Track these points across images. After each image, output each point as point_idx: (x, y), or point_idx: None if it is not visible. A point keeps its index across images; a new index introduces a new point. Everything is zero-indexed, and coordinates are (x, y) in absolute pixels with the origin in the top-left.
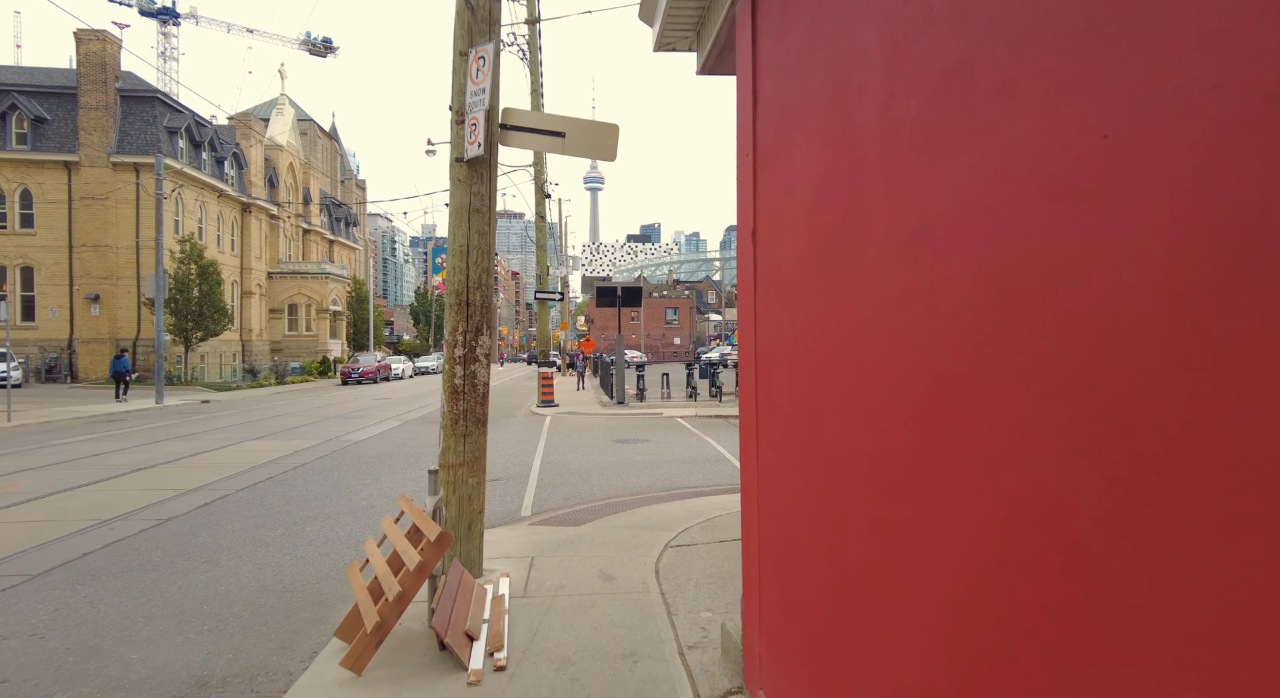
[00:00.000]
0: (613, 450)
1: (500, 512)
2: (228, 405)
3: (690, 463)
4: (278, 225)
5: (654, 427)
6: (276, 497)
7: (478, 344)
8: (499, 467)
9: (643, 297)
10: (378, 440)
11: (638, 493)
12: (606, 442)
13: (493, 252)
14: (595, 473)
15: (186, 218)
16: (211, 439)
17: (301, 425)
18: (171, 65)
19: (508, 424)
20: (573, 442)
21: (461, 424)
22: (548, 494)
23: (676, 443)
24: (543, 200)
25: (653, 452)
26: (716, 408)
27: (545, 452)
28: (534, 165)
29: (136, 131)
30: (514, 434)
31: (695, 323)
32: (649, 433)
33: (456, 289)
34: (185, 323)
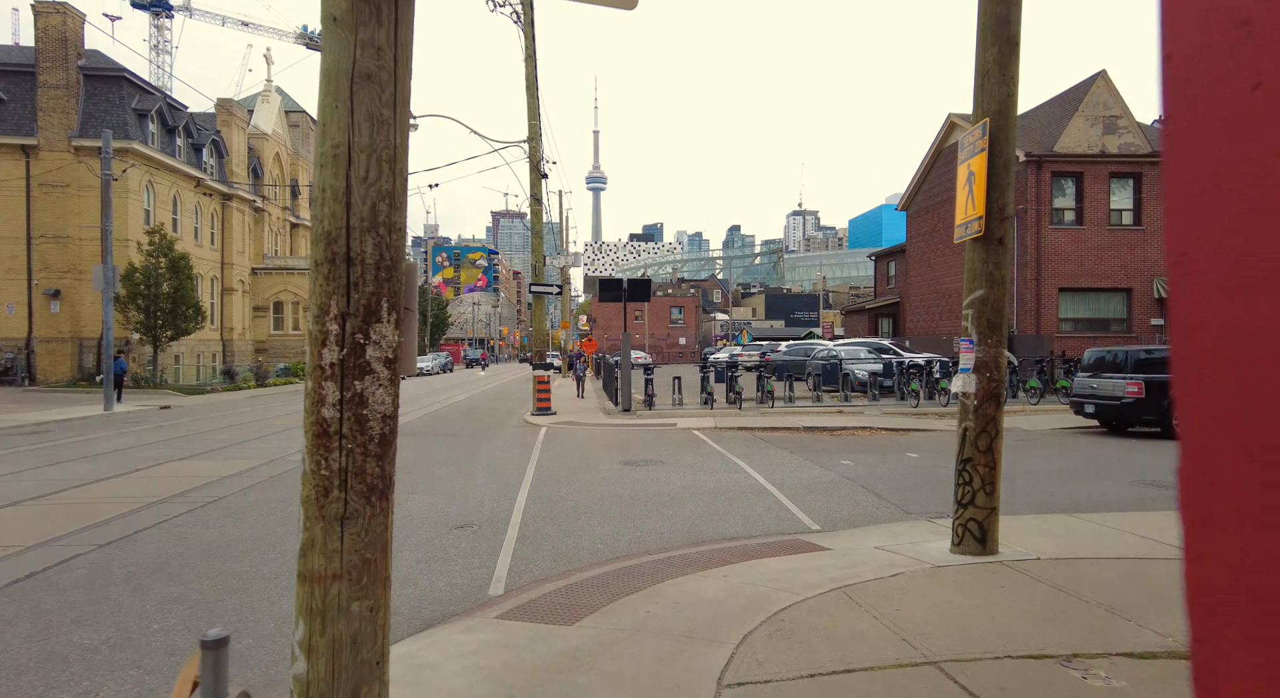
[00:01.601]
0: (620, 477)
1: (458, 587)
2: (187, 412)
3: (721, 497)
4: (263, 218)
5: (668, 442)
6: (143, 561)
7: (369, 339)
8: (470, 503)
9: (650, 291)
10: None
11: (657, 549)
12: (612, 464)
13: (402, 163)
14: (597, 513)
15: (159, 208)
16: (130, 459)
17: (253, 439)
18: (164, 58)
19: (494, 438)
20: (570, 463)
21: (337, 497)
22: (532, 552)
23: (698, 465)
24: (539, 180)
25: (670, 479)
26: (737, 417)
27: (534, 479)
28: (529, 141)
29: (102, 114)
30: (499, 452)
31: (701, 322)
32: (663, 450)
33: (328, 232)
34: (154, 321)
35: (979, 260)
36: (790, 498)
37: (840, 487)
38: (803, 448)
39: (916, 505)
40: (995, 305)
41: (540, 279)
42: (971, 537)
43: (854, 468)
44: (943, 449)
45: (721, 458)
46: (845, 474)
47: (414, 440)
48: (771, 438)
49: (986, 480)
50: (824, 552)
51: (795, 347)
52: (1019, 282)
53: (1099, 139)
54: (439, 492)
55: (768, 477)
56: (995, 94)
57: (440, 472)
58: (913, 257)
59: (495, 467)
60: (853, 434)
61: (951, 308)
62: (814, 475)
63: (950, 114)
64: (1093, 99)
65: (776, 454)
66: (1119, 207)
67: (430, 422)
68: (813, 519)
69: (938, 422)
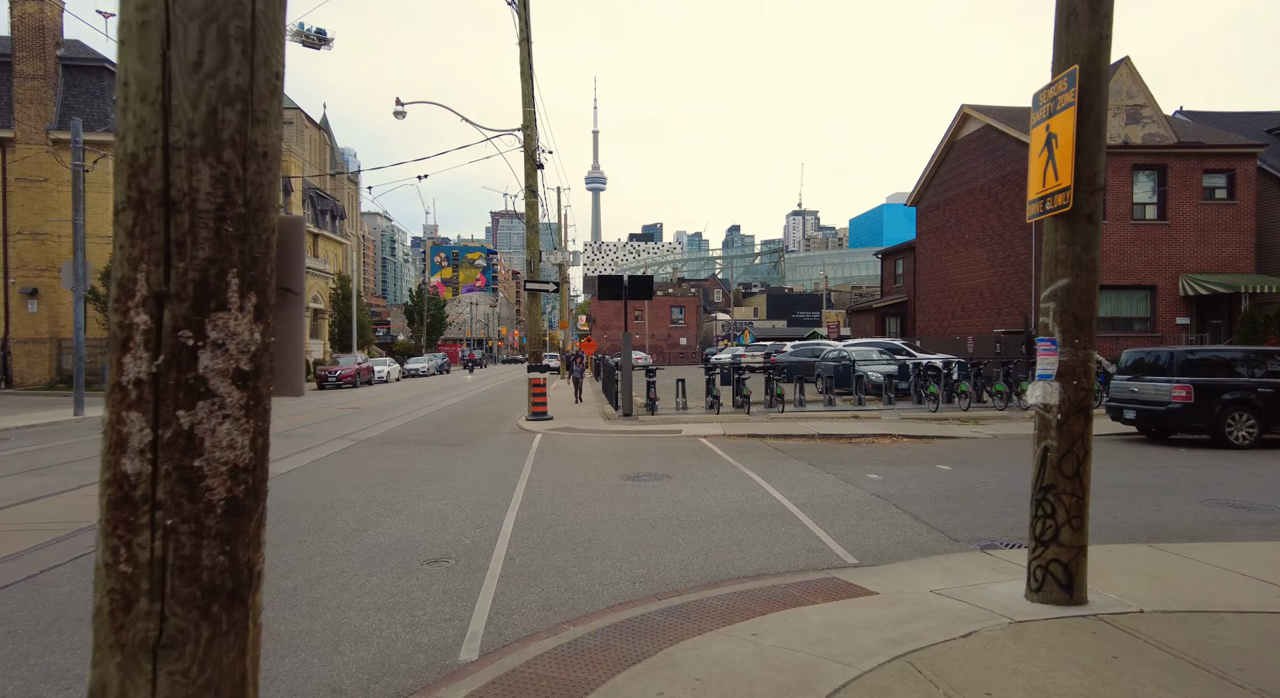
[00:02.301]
0: (622, 495)
1: (423, 648)
2: None
3: (738, 521)
4: None
5: (674, 452)
6: (34, 613)
7: (205, 339)
8: (450, 529)
9: (652, 288)
10: (291, 480)
11: (667, 591)
12: (613, 478)
13: (270, 42)
14: (596, 542)
15: None
16: (80, 472)
17: None
18: None
19: (484, 448)
20: (566, 478)
21: (146, 609)
22: (517, 595)
23: (709, 480)
24: (534, 171)
25: (679, 497)
26: (746, 423)
27: (525, 497)
28: (524, 129)
29: (82, 105)
30: (487, 464)
31: (702, 322)
32: (669, 462)
33: (132, 157)
34: None
35: (1062, 241)
36: (817, 522)
37: (870, 507)
38: (821, 459)
39: (962, 530)
40: (1083, 297)
41: (536, 276)
42: (1055, 582)
43: (882, 483)
44: (975, 460)
45: (733, 471)
46: (873, 491)
47: (394, 451)
48: (785, 447)
49: (1074, 513)
50: (870, 597)
51: (801, 347)
52: (1037, 277)
53: (1121, 129)
54: (414, 514)
55: (788, 495)
56: (1084, 37)
57: (418, 489)
58: (923, 254)
59: (481, 482)
60: (872, 442)
61: (965, 307)
62: (839, 493)
63: (963, 105)
64: (1115, 87)
65: (793, 467)
66: (1142, 200)
67: (416, 429)
68: (847, 550)
69: (961, 428)
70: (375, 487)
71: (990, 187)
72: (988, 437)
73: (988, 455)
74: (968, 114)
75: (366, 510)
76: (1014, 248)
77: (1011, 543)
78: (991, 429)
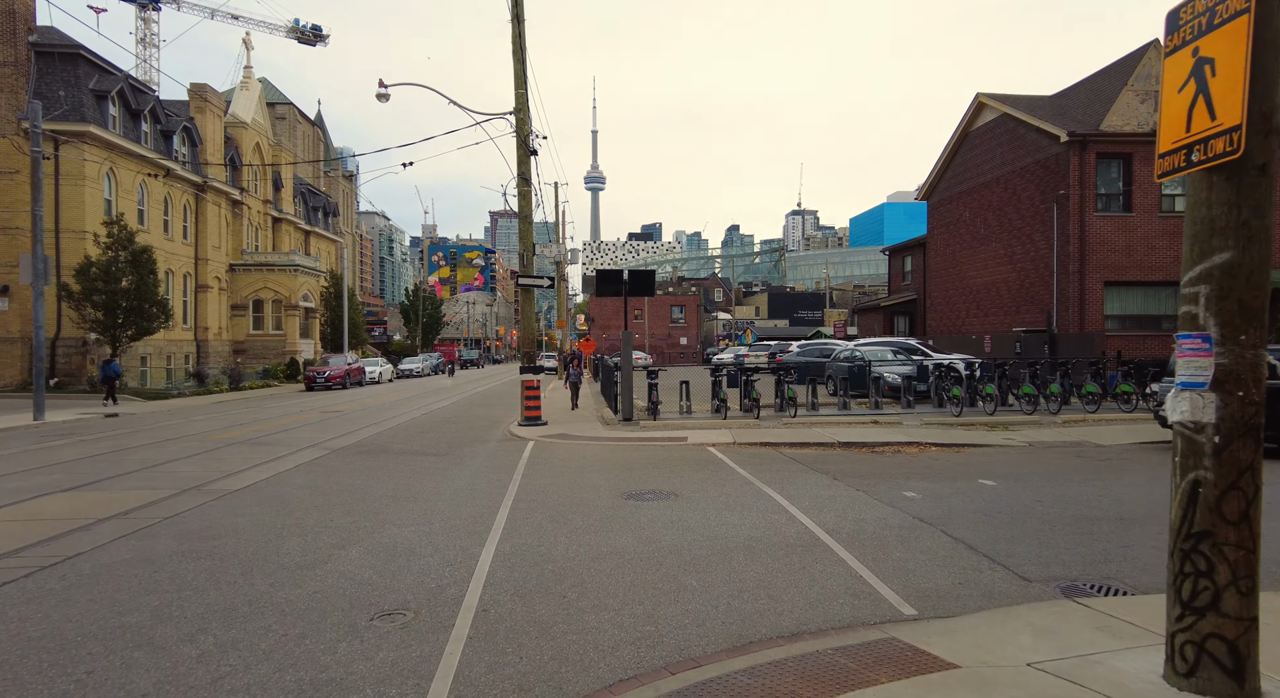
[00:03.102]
0: (621, 518)
1: None
2: (132, 422)
3: (762, 554)
4: (242, 212)
5: (679, 463)
6: None
7: None
8: (414, 566)
9: (654, 283)
10: (241, 499)
11: (680, 662)
12: (611, 497)
13: None
14: (592, 586)
15: (122, 198)
16: (6, 488)
17: (180, 458)
18: (152, 53)
19: (469, 458)
20: (557, 496)
21: None
22: (487, 669)
23: (723, 500)
24: (527, 158)
25: (689, 522)
26: (757, 429)
27: (509, 522)
28: (516, 112)
29: (55, 94)
30: (470, 479)
31: (703, 322)
32: (674, 476)
33: None
34: (113, 319)
35: (1221, 203)
36: (855, 554)
37: (915, 534)
38: (846, 472)
39: (1031, 565)
40: (1253, 278)
41: (530, 271)
42: (1215, 665)
43: (922, 503)
44: (1019, 474)
45: (749, 488)
46: (914, 512)
47: (368, 462)
48: (803, 458)
49: (1241, 571)
50: (949, 673)
51: (808, 347)
52: (1060, 274)
53: (1150, 116)
54: (375, 546)
55: (816, 518)
56: None
57: (386, 512)
58: (934, 250)
59: (460, 502)
60: (898, 451)
61: (979, 305)
62: (875, 516)
63: (978, 93)
64: (1144, 71)
65: (817, 482)
66: (1172, 191)
67: (398, 435)
68: (900, 595)
69: (991, 435)
70: (336, 508)
71: (1008, 179)
72: (1023, 445)
73: (1030, 467)
74: (983, 103)
75: (319, 540)
76: (1034, 243)
77: (1098, 586)
78: (1025, 436)
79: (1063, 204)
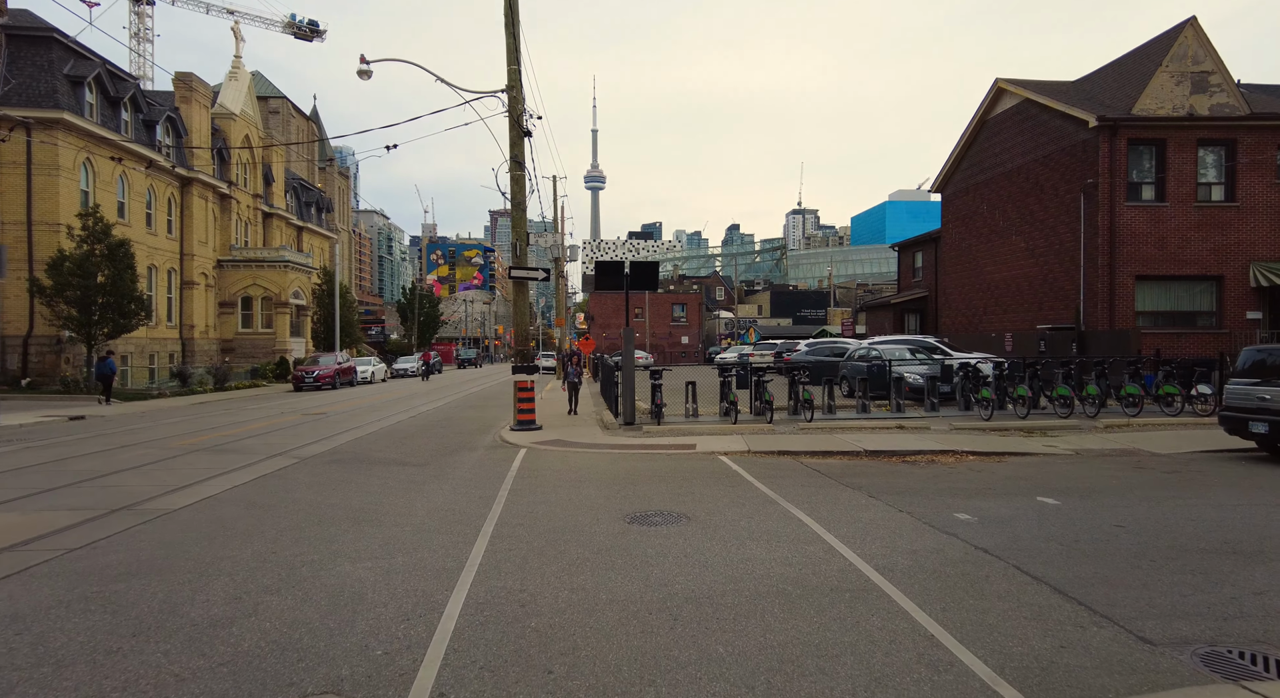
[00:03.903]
0: (625, 552)
1: None
2: (97, 425)
3: (802, 601)
4: (230, 206)
5: (690, 477)
6: None
7: None
8: (363, 619)
9: (658, 276)
10: (176, 522)
11: None
12: (612, 521)
13: None
14: (586, 654)
15: (100, 190)
16: None
17: (126, 469)
18: (146, 47)
19: (451, 469)
20: (548, 520)
21: None
22: None
23: (744, 525)
24: (520, 139)
25: (706, 555)
26: (771, 435)
27: (488, 554)
28: (508, 90)
29: (28, 80)
30: (449, 497)
31: (704, 320)
32: (686, 493)
33: None
34: (88, 316)
35: None
36: (919, 602)
37: (984, 571)
38: (881, 487)
39: (1146, 618)
40: None
41: (524, 262)
42: None
43: (980, 528)
44: (1080, 489)
45: (773, 509)
46: (973, 540)
47: (337, 474)
48: (829, 469)
49: None
50: None
51: (818, 345)
52: (1086, 267)
53: (1186, 99)
54: (318, 588)
55: (859, 549)
56: None
57: (342, 539)
58: (949, 244)
59: (433, 528)
60: (932, 461)
61: (998, 301)
62: (928, 545)
63: (997, 79)
64: (1179, 52)
65: (850, 500)
66: (1208, 180)
67: (379, 441)
68: (992, 665)
69: (1030, 441)
70: (285, 534)
71: (1029, 168)
72: (1069, 454)
73: (1090, 481)
74: (1003, 88)
75: (251, 581)
76: (1058, 235)
77: (1249, 654)
78: (1067, 442)
79: (1090, 194)
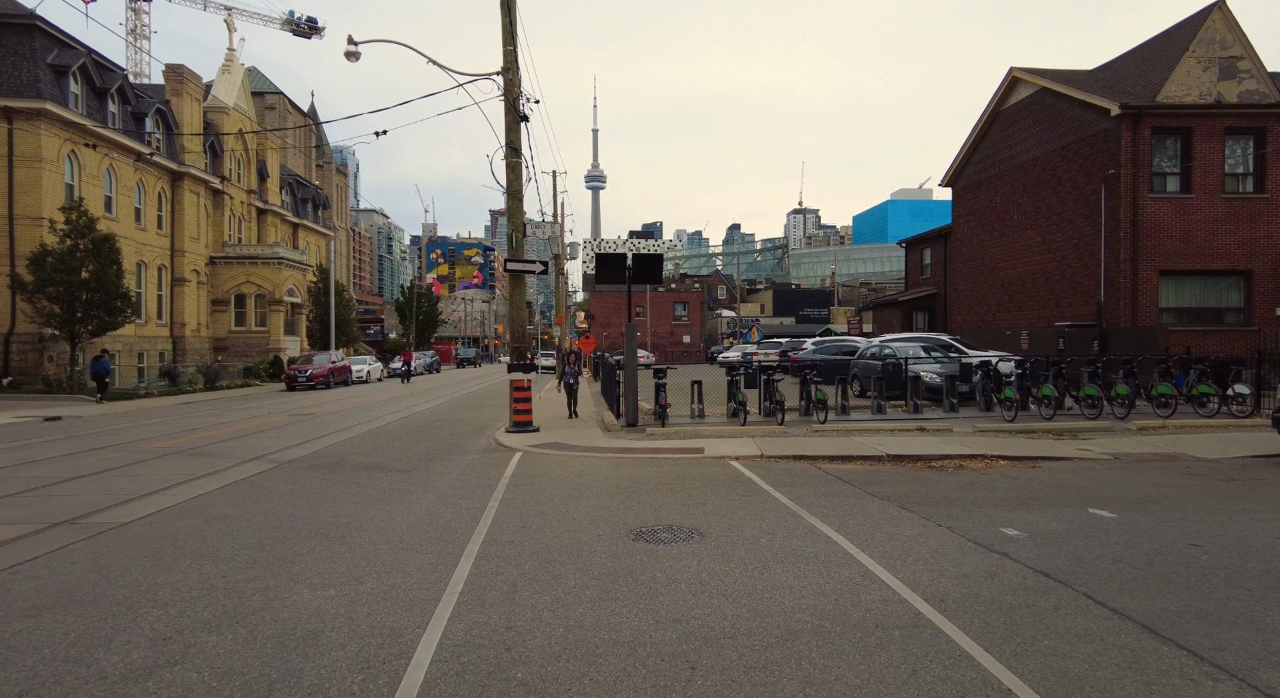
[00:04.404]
0: (629, 576)
1: None
2: (69, 427)
3: (842, 641)
4: (223, 202)
5: (700, 484)
6: None
7: None
8: (306, 680)
9: (661, 269)
10: (123, 538)
11: None
12: (614, 538)
13: None
14: None
15: (86, 183)
16: None
17: (78, 477)
18: (143, 43)
19: (440, 475)
20: (542, 536)
21: None
22: None
23: (764, 543)
24: (516, 124)
25: (725, 581)
26: (784, 438)
27: (471, 581)
28: (504, 72)
29: (9, 69)
30: (432, 509)
31: (706, 319)
32: (695, 504)
33: None
34: (71, 313)
35: None
36: (984, 643)
37: (1052, 601)
38: (912, 496)
39: (1269, 668)
40: None
41: (520, 254)
42: None
43: (1033, 546)
44: (1133, 498)
45: (796, 523)
46: (1030, 561)
47: (314, 481)
48: (849, 476)
49: None
50: None
51: (825, 344)
52: (1107, 262)
53: (1213, 86)
54: (265, 627)
55: (901, 573)
56: None
57: (304, 562)
58: (960, 239)
59: (411, 547)
60: (961, 467)
61: (1012, 298)
62: (980, 567)
63: (1012, 68)
64: (1206, 36)
65: (881, 513)
66: (1236, 170)
67: (365, 444)
68: None
69: (1061, 445)
70: (241, 554)
71: (1046, 159)
72: (1106, 458)
73: (1141, 490)
74: (1017, 77)
75: (188, 615)
76: (1077, 228)
77: None
78: (1102, 446)
79: (1112, 185)
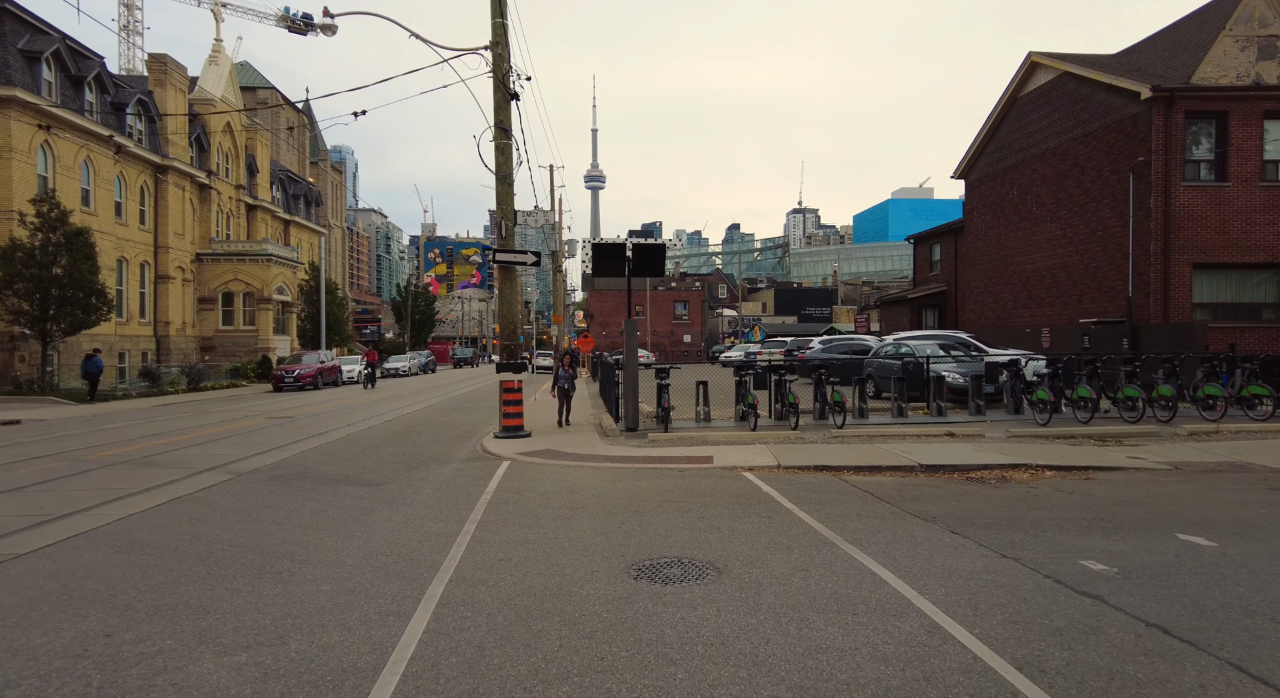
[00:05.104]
0: (631, 631)
1: None
2: (25, 431)
3: None
4: (210, 197)
5: (710, 500)
6: None
7: None
8: None
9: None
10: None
11: None
12: (612, 574)
13: None
14: None
15: (61, 175)
16: None
17: (2, 491)
18: (136, 39)
19: (413, 489)
20: (523, 573)
21: None
22: None
23: (796, 583)
24: (506, 102)
25: (753, 644)
26: (801, 446)
27: (424, 641)
28: (492, 47)
29: None
30: (396, 534)
31: (707, 319)
32: (708, 528)
33: None
34: (43, 310)
35: None
36: None
37: (1195, 677)
38: (960, 517)
39: None
40: None
41: (510, 244)
42: None
43: (1130, 586)
44: (1226, 520)
45: (831, 553)
46: (1135, 610)
47: (268, 498)
48: (881, 490)
49: None
50: None
51: (835, 343)
52: (1136, 255)
53: (1251, 66)
54: (156, 690)
55: (978, 628)
56: None
57: (221, 611)
58: (972, 234)
59: (362, 586)
60: (1004, 478)
61: (1031, 294)
62: (1073, 619)
63: (1031, 52)
64: (1244, 14)
65: (929, 538)
66: (1276, 156)
67: (334, 453)
68: None
69: (1108, 452)
70: (146, 598)
71: (1068, 148)
72: (1165, 467)
73: (1228, 510)
74: (1037, 62)
75: None
76: (1102, 220)
77: None
78: (1155, 454)
79: (1141, 174)
